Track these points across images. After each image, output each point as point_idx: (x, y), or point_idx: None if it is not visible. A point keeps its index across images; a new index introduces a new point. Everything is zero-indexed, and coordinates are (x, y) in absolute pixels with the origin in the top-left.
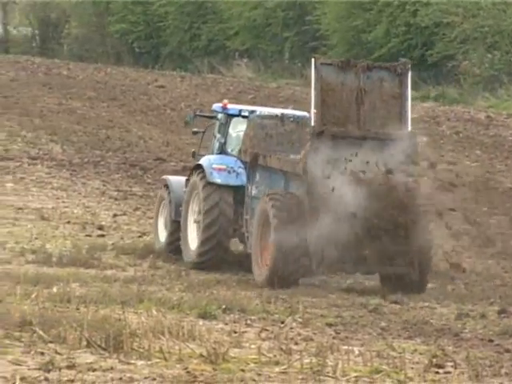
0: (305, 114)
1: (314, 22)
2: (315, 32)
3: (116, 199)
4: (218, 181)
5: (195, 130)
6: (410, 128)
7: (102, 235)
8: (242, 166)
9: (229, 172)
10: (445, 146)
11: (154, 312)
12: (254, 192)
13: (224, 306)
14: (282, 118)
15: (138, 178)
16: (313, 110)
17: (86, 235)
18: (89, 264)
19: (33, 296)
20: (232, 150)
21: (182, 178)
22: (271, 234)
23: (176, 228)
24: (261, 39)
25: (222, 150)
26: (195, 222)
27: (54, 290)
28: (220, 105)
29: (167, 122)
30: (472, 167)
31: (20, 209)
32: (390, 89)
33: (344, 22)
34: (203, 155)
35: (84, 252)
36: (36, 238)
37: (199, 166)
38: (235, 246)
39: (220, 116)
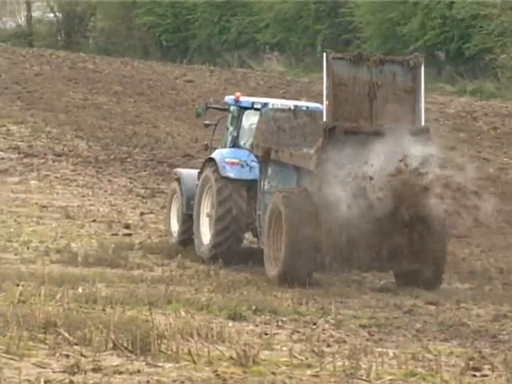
0: (318, 105)
1: (347, 15)
2: (348, 24)
3: (143, 197)
4: (231, 175)
5: (207, 122)
6: (423, 122)
7: (129, 234)
8: (254, 159)
9: (242, 166)
10: (482, 142)
11: (183, 313)
12: (266, 187)
13: (254, 307)
14: (294, 111)
15: (166, 176)
16: (325, 103)
17: (113, 234)
18: (115, 264)
19: (58, 297)
20: (245, 143)
21: (194, 172)
22: (283, 229)
23: (188, 222)
24: (292, 32)
25: (235, 143)
26: (208, 215)
27: (80, 290)
28: (232, 97)
29: (196, 117)
30: (510, 164)
31: (44, 207)
32: (402, 83)
33: (378, 15)
34: (216, 148)
35: (110, 251)
36: (61, 237)
37: (212, 160)
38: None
39: (232, 108)
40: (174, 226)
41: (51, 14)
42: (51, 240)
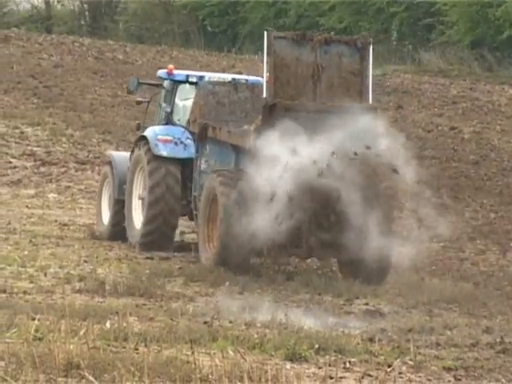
0: (259, 79)
1: None
2: (430, 7)
3: (184, 214)
4: (164, 153)
5: (139, 99)
6: (370, 101)
7: (166, 258)
8: (190, 137)
9: (175, 144)
10: None
11: (231, 353)
12: (203, 166)
13: (317, 346)
14: (234, 85)
15: None
16: (265, 77)
17: (147, 258)
18: (150, 293)
19: (81, 333)
20: (179, 120)
21: (127, 154)
22: (219, 213)
23: (120, 208)
24: (362, 15)
25: (169, 120)
26: (140, 198)
27: (107, 325)
28: (165, 71)
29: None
30: None
31: (65, 225)
32: (349, 65)
33: None
34: (148, 126)
35: (144, 279)
36: (85, 262)
37: (143, 138)
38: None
39: (166, 83)
40: (105, 213)
41: None
42: (73, 265)
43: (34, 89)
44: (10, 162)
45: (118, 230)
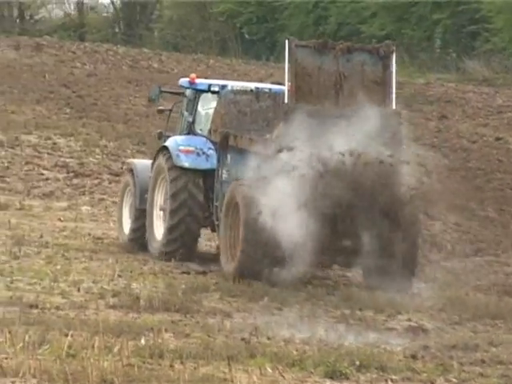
0: (282, 87)
1: (473, 1)
2: (474, 13)
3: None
4: (186, 164)
5: (161, 107)
6: (394, 106)
7: (203, 272)
8: (212, 147)
9: (197, 154)
10: None
11: (269, 370)
12: (224, 176)
13: (358, 363)
14: (256, 94)
15: None
16: (287, 84)
17: (183, 272)
18: (186, 309)
19: (115, 350)
20: (201, 130)
21: (149, 162)
22: (240, 221)
23: (141, 217)
24: (405, 22)
25: (190, 130)
26: (161, 209)
27: (142, 341)
28: (187, 79)
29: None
30: None
31: (99, 239)
32: (372, 73)
33: None
34: (170, 136)
35: (180, 294)
36: (119, 276)
37: (165, 148)
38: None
39: (188, 92)
40: (126, 223)
41: (107, 1)
42: (107, 279)
43: (67, 98)
44: (42, 174)
45: (140, 241)
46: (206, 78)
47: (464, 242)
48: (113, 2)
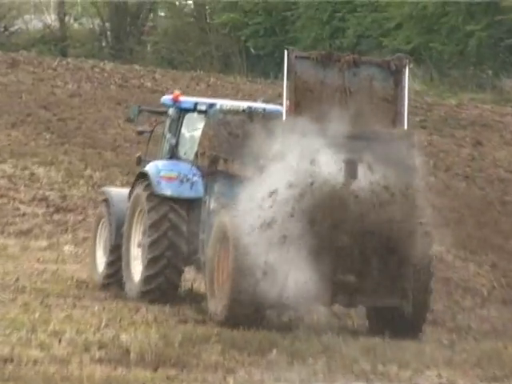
0: (279, 108)
1: None
2: None
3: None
4: (168, 192)
5: (140, 129)
6: (406, 126)
7: (203, 321)
8: (197, 173)
9: (181, 181)
10: None
11: None
12: (212, 206)
13: None
14: (249, 113)
15: None
16: (285, 103)
17: (180, 321)
18: (183, 363)
19: None
20: (185, 154)
21: (126, 191)
22: (229, 256)
23: (117, 255)
24: (433, 35)
25: (173, 154)
26: (139, 245)
27: None
28: (170, 97)
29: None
30: None
31: (83, 282)
32: (382, 89)
33: None
34: (150, 161)
35: (176, 345)
36: (106, 326)
37: (144, 175)
38: None
39: (171, 111)
40: (100, 262)
41: (93, 10)
42: (92, 330)
43: (47, 122)
44: (19, 209)
45: (116, 281)
46: (207, 97)
47: (501, 286)
48: (99, 12)
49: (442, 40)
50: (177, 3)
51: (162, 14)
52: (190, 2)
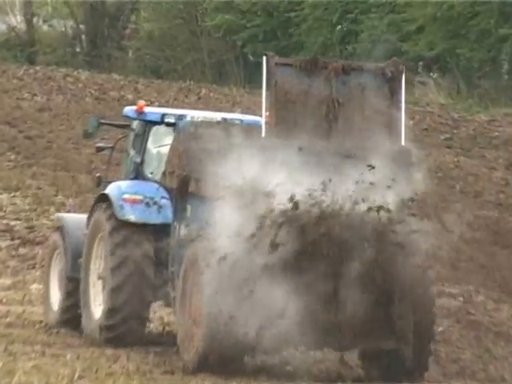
0: (258, 119)
1: None
2: None
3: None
4: (132, 217)
5: (100, 145)
6: (403, 142)
7: (193, 372)
8: (166, 195)
9: (147, 204)
10: None
11: None
12: (183, 233)
13: None
14: (225, 126)
15: None
16: (264, 115)
17: (165, 372)
18: None
19: None
20: (152, 174)
21: (83, 217)
22: (202, 293)
23: (74, 289)
24: (461, 40)
25: (138, 173)
26: (100, 277)
27: None
28: (134, 108)
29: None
30: None
31: (51, 328)
32: (374, 100)
33: None
34: (112, 181)
35: None
36: (81, 378)
37: (105, 197)
38: None
39: (135, 124)
40: (55, 297)
41: (66, 11)
42: (65, 382)
43: (12, 140)
44: None
45: (71, 318)
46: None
47: None
48: (72, 13)
49: (470, 45)
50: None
51: (146, 15)
52: (179, 1)
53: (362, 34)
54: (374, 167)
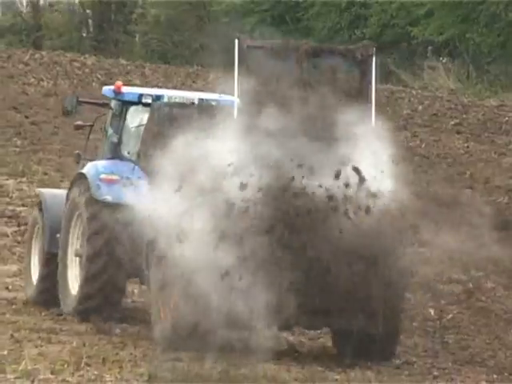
0: (233, 99)
1: None
2: None
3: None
4: (108, 197)
5: (79, 123)
6: (373, 124)
7: (202, 358)
8: (142, 175)
9: (124, 185)
10: None
11: None
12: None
13: None
14: (200, 106)
15: None
16: (236, 97)
17: (173, 358)
18: None
19: None
20: (129, 153)
21: (63, 192)
22: (174, 266)
23: (52, 264)
24: (471, 24)
25: (116, 153)
26: (77, 254)
27: None
28: (111, 88)
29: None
30: None
31: (60, 315)
32: (345, 82)
33: None
34: (91, 160)
35: None
36: (87, 365)
37: (82, 176)
38: None
39: (113, 104)
40: (35, 271)
41: None
42: (71, 369)
43: (18, 126)
44: None
45: (50, 294)
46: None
47: None
48: None
49: (480, 30)
50: None
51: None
52: None
53: (370, 19)
54: (359, 170)
